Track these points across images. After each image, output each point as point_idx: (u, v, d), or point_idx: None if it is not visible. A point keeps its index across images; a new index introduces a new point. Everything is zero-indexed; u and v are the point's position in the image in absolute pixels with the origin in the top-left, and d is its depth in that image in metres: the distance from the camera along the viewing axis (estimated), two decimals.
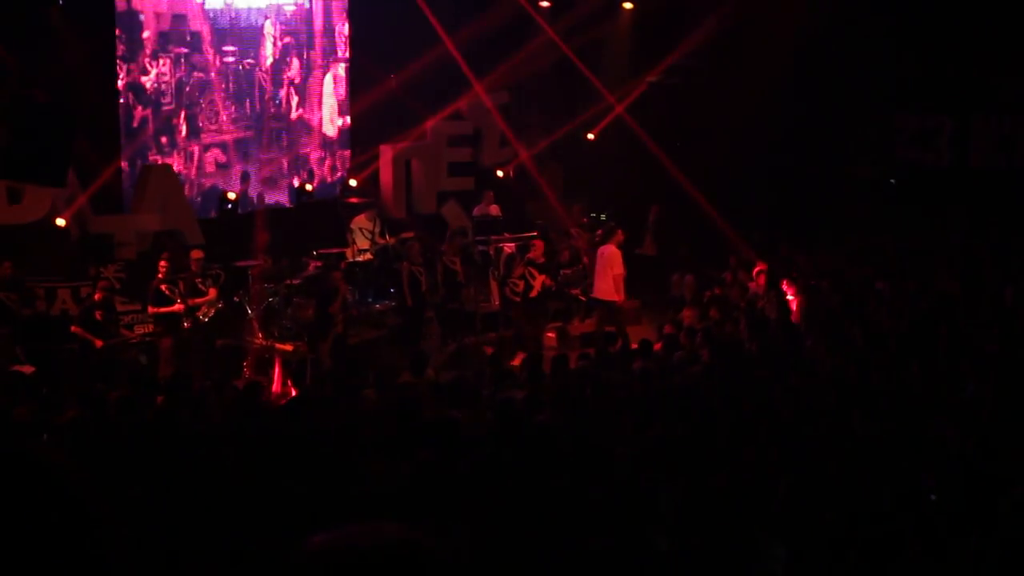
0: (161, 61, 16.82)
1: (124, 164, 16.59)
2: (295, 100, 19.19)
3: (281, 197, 19.34)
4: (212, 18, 17.56)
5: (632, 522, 6.47)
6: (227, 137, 18.10)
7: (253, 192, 18.51)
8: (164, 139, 17.09)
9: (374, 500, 6.72)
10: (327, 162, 20.05)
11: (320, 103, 19.71)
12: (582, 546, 6.11)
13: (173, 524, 6.50)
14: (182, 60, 17.16)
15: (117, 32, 16.30)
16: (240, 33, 18.02)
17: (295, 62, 19.11)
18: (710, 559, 6.23)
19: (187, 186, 17.54)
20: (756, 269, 17.09)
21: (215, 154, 17.99)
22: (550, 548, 6.09)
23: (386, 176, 19.98)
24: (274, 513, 6.52)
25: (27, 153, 11.86)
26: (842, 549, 6.52)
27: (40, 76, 14.53)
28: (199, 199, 17.79)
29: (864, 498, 7.29)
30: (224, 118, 17.98)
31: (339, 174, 20.27)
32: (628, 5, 21.24)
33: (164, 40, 16.88)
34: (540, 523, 6.36)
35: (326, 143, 20.01)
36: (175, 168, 17.27)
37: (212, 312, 14.57)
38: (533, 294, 16.47)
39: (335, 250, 17.43)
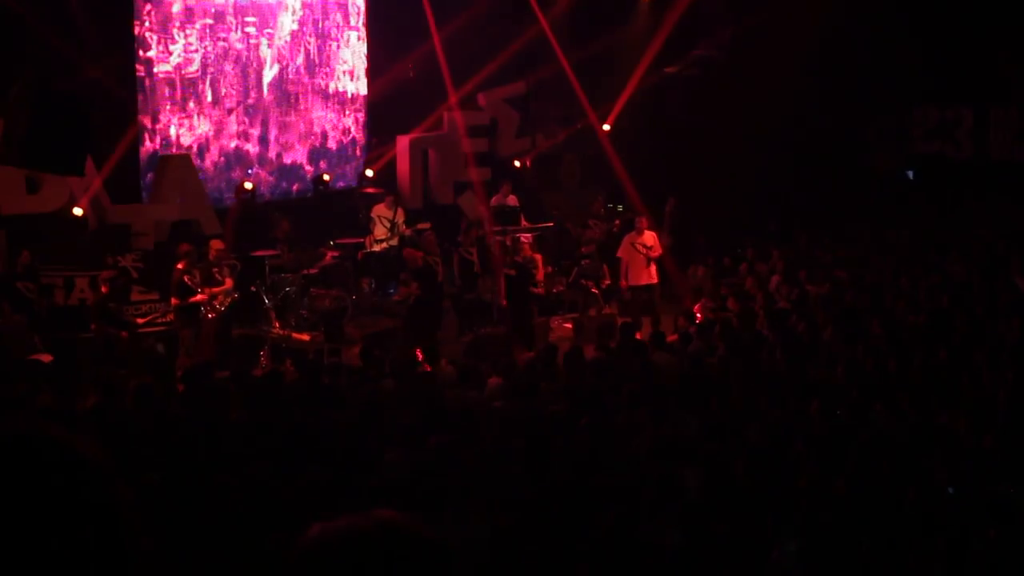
0: (188, 33, 17.52)
1: (146, 122, 16.98)
2: (311, 67, 19.84)
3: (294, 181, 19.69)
4: None
5: (647, 514, 6.47)
6: (248, 102, 18.77)
7: (266, 172, 18.89)
8: (190, 104, 17.80)
9: (392, 488, 6.74)
10: (341, 126, 20.36)
11: (334, 69, 20.12)
12: (597, 537, 6.12)
13: (191, 511, 6.53)
14: (207, 31, 17.84)
15: (147, 8, 16.90)
16: (260, 5, 18.79)
17: (311, 31, 19.78)
18: (724, 551, 6.22)
19: (211, 149, 18.21)
20: (772, 260, 17.07)
21: (237, 117, 18.61)
22: (564, 538, 6.10)
23: (403, 166, 20.02)
24: (292, 501, 6.55)
25: (45, 143, 11.93)
26: (856, 542, 6.51)
27: (59, 61, 14.62)
28: (223, 159, 18.41)
29: (880, 491, 7.27)
30: (246, 83, 18.68)
31: (352, 137, 20.57)
32: None
33: (190, 13, 17.60)
34: (555, 513, 6.37)
35: (341, 106, 20.38)
36: (200, 130, 17.88)
37: (228, 302, 14.58)
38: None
39: (353, 240, 17.48)
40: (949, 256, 17.35)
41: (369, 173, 19.74)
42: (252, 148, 18.87)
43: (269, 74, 18.97)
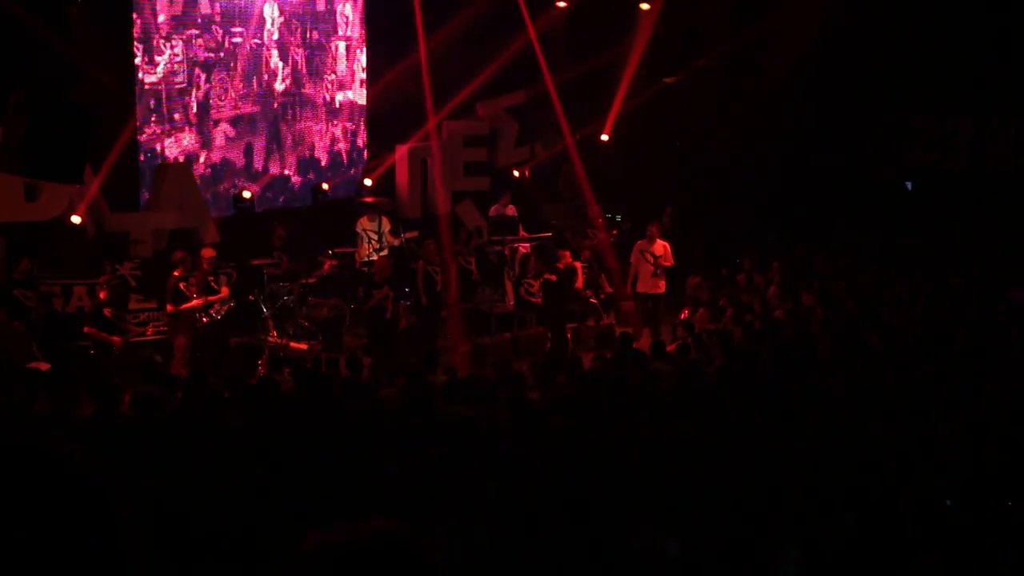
0: (173, 41, 17.37)
1: (140, 138, 16.99)
2: (298, 76, 19.81)
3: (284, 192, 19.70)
4: (221, 1, 18.20)
5: (645, 524, 6.46)
6: (236, 112, 18.66)
7: (253, 183, 18.85)
8: (176, 115, 17.64)
9: (388, 497, 6.72)
10: (330, 134, 20.35)
11: (322, 79, 20.10)
12: (593, 548, 6.10)
13: (187, 519, 6.51)
14: (193, 41, 17.73)
15: (132, 16, 16.80)
16: (247, 15, 18.69)
17: (298, 41, 19.76)
18: (723, 561, 6.21)
19: (199, 159, 18.10)
20: (771, 271, 17.08)
21: (224, 128, 18.51)
22: (562, 549, 6.08)
23: (402, 176, 20.03)
24: (289, 510, 6.53)
25: (44, 150, 11.89)
26: (856, 553, 6.50)
27: (58, 68, 14.65)
28: (209, 171, 18.31)
29: (879, 503, 7.26)
30: (233, 95, 18.56)
31: (342, 147, 20.58)
32: (645, 6, 21.22)
33: (177, 23, 17.46)
34: (552, 523, 6.35)
35: (331, 116, 20.38)
36: (186, 142, 17.78)
37: (224, 310, 14.59)
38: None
39: (352, 249, 17.50)
40: (947, 267, 17.36)
41: (368, 183, 19.76)
42: (239, 159, 18.79)
43: (257, 85, 18.91)
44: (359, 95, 20.79)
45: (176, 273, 14.16)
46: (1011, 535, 6.73)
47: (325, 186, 19.44)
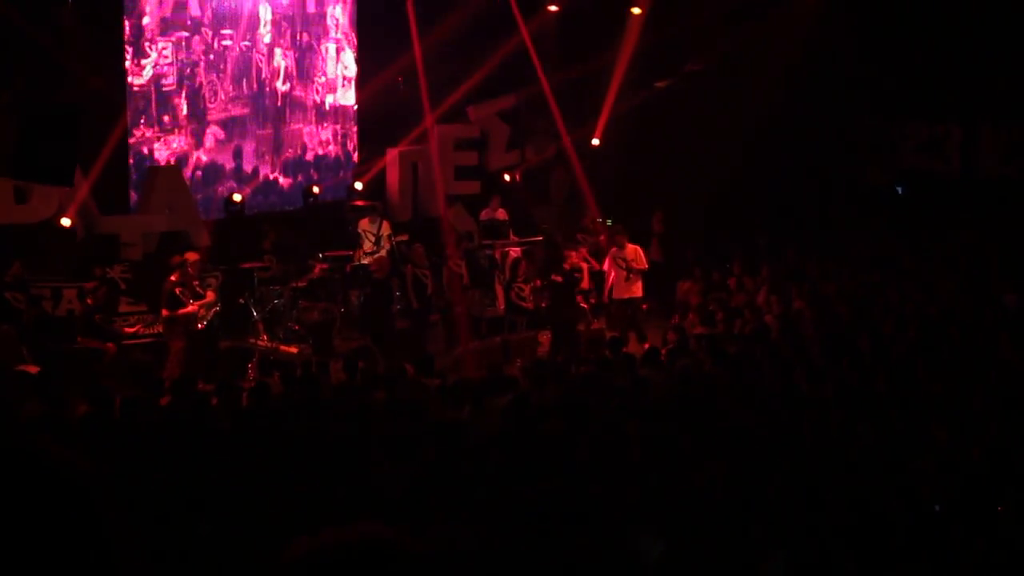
0: (162, 44, 17.28)
1: (130, 140, 16.93)
2: (289, 79, 19.72)
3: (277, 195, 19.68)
4: (211, 3, 18.12)
5: (632, 528, 6.46)
6: (225, 115, 18.58)
7: (243, 186, 18.80)
8: (166, 118, 17.54)
9: (379, 501, 6.72)
10: (317, 137, 20.31)
11: (312, 81, 20.05)
12: (581, 551, 6.10)
13: (178, 522, 6.50)
14: (183, 43, 17.63)
15: (122, 18, 16.73)
16: (237, 16, 18.61)
17: (289, 44, 19.69)
18: (710, 566, 6.21)
19: (189, 162, 18.00)
20: (761, 275, 17.11)
21: (214, 131, 18.44)
22: (549, 552, 6.08)
23: (392, 179, 20.03)
24: (279, 514, 6.52)
25: (34, 153, 11.87)
26: (844, 557, 6.51)
27: (48, 72, 14.63)
28: (199, 174, 18.21)
29: (868, 506, 7.27)
30: (222, 97, 18.47)
31: (332, 150, 20.56)
32: (636, 11, 21.25)
33: (165, 24, 17.37)
34: (540, 527, 6.35)
35: (321, 118, 20.36)
36: (175, 144, 17.67)
37: (210, 315, 14.57)
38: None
39: (342, 252, 17.47)
40: (937, 271, 17.39)
41: (359, 186, 19.73)
42: (229, 162, 18.72)
43: (247, 87, 18.86)
44: (349, 98, 20.75)
45: (172, 278, 14.13)
46: (1000, 540, 6.74)
47: (316, 189, 19.42)
